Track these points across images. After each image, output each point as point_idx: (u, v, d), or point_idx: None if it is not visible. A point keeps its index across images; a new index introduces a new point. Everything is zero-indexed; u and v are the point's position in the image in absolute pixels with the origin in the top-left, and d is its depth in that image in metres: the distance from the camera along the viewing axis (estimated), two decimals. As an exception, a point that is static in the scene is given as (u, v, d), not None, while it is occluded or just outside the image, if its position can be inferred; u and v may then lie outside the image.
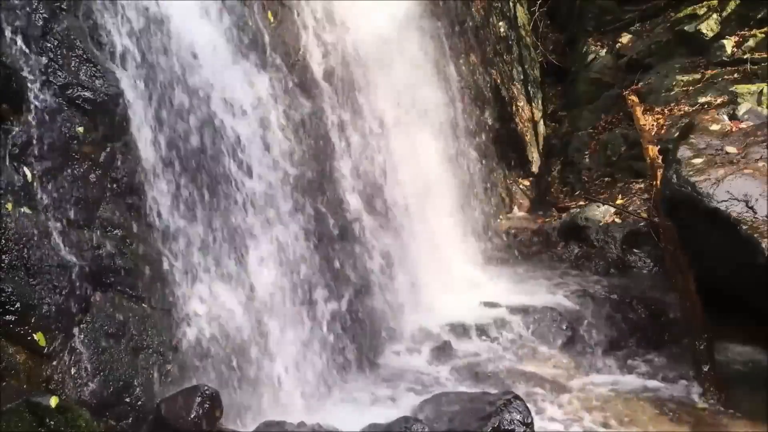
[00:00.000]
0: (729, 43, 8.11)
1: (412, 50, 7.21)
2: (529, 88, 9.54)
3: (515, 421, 3.55)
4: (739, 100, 6.83)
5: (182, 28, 4.09)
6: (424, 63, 7.41)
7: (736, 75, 7.65)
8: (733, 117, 5.82)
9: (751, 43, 7.92)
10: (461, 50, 8.40)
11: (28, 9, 3.30)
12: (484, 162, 8.36)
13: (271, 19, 5.13)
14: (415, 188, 6.56)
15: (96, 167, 3.51)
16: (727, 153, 5.22)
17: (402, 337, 5.37)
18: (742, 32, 8.14)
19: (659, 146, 6.85)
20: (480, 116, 8.58)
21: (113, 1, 3.75)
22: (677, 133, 6.44)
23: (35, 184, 3.21)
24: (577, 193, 8.49)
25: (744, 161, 5.06)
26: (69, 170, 3.39)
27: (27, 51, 3.27)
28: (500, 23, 9.37)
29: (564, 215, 7.87)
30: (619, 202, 7.56)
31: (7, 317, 2.93)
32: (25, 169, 3.17)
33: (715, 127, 5.63)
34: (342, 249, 5.18)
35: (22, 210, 3.11)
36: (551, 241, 7.41)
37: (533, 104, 9.54)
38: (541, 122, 9.61)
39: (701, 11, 8.57)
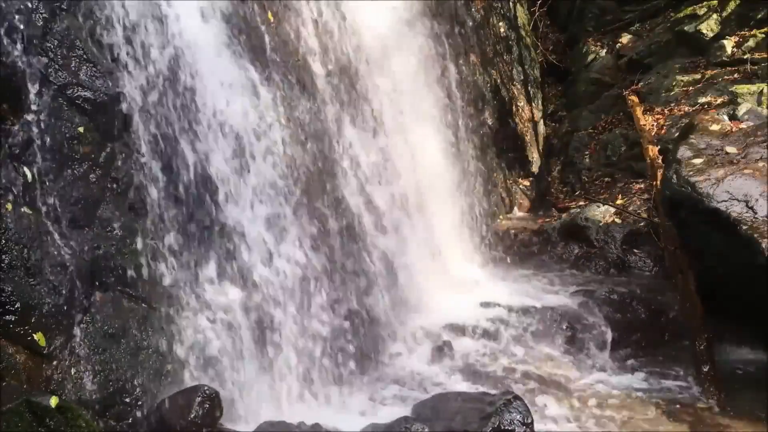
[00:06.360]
0: (729, 43, 8.10)
1: (412, 50, 7.21)
2: (529, 88, 9.53)
3: (515, 421, 3.55)
4: (739, 100, 6.81)
5: (183, 27, 4.09)
6: (424, 62, 7.42)
7: (736, 75, 7.63)
8: (733, 117, 5.81)
9: (751, 43, 7.91)
10: (461, 50, 8.40)
11: (28, 9, 3.30)
12: (484, 162, 8.36)
13: (271, 19, 5.13)
14: (415, 188, 6.55)
15: (96, 167, 3.52)
16: (727, 153, 5.21)
17: (402, 337, 5.36)
18: (742, 32, 8.13)
19: (659, 146, 6.84)
20: (480, 116, 8.57)
21: (113, 0, 3.75)
22: (677, 133, 6.42)
23: (35, 184, 3.21)
24: (577, 193, 8.48)
25: (744, 161, 5.06)
26: (69, 170, 3.39)
27: (27, 51, 3.27)
28: (500, 23, 9.36)
29: (564, 215, 7.86)
30: (619, 202, 7.55)
31: (7, 317, 2.93)
32: (25, 169, 3.18)
33: (715, 127, 5.62)
34: (342, 249, 5.18)
35: (22, 210, 3.11)
36: (551, 241, 7.40)
37: (533, 104, 9.53)
38: (541, 122, 9.60)
39: (701, 11, 8.56)
